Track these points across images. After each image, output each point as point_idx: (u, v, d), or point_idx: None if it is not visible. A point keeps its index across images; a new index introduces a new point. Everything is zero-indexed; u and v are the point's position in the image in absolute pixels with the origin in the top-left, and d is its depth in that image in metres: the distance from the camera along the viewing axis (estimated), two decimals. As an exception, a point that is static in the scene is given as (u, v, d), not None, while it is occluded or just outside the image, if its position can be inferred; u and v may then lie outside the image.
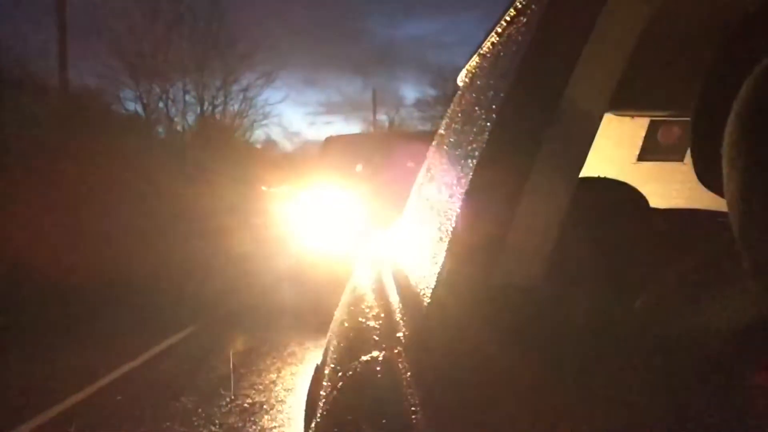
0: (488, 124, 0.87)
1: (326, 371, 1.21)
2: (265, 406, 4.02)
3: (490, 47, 1.26)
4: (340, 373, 0.99)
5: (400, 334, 0.86)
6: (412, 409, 0.64)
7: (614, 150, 1.98)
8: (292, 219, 8.64)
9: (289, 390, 4.34)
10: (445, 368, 0.68)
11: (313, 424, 1.01)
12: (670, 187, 1.90)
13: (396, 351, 0.82)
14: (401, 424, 0.65)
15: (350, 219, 6.63)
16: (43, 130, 12.87)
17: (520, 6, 0.99)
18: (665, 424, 0.46)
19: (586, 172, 0.80)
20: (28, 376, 4.68)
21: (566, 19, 0.75)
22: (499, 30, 1.15)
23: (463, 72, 1.64)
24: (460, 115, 1.38)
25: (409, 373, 0.73)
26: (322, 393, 1.07)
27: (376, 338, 0.98)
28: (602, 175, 1.21)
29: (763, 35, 0.47)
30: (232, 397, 4.17)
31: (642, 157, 2.02)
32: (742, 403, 0.43)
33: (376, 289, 1.34)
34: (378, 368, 0.83)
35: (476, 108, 1.08)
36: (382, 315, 1.06)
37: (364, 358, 0.90)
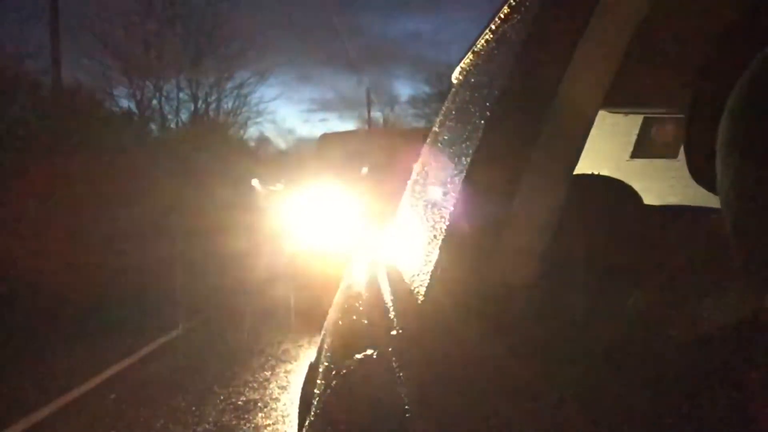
0: (482, 121, 0.86)
1: (320, 369, 1.21)
2: (259, 404, 4.01)
3: (485, 45, 1.25)
4: (334, 371, 0.99)
5: (394, 333, 0.86)
6: (406, 407, 0.64)
7: (608, 147, 1.98)
8: (286, 217, 8.63)
9: (284, 388, 4.33)
10: (438, 366, 0.68)
11: (307, 422, 1.01)
12: (664, 184, 1.90)
13: (390, 349, 0.81)
14: (395, 422, 0.65)
15: (345, 217, 6.63)
16: (35, 128, 12.80)
17: (514, 3, 0.99)
18: (660, 421, 0.46)
19: (580, 169, 0.80)
20: (20, 375, 4.65)
21: (560, 16, 0.75)
22: (494, 27, 1.14)
23: (458, 69, 1.64)
24: (454, 112, 1.37)
25: (402, 372, 0.73)
26: (316, 391, 1.07)
27: (370, 336, 0.98)
28: (596, 173, 1.21)
29: (757, 33, 0.47)
30: (226, 395, 4.16)
31: (636, 154, 2.02)
32: (737, 400, 0.43)
33: (370, 287, 1.34)
34: (372, 366, 0.83)
35: (470, 105, 1.08)
36: (376, 313, 1.06)
37: (358, 356, 0.90)
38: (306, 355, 5.03)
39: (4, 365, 4.90)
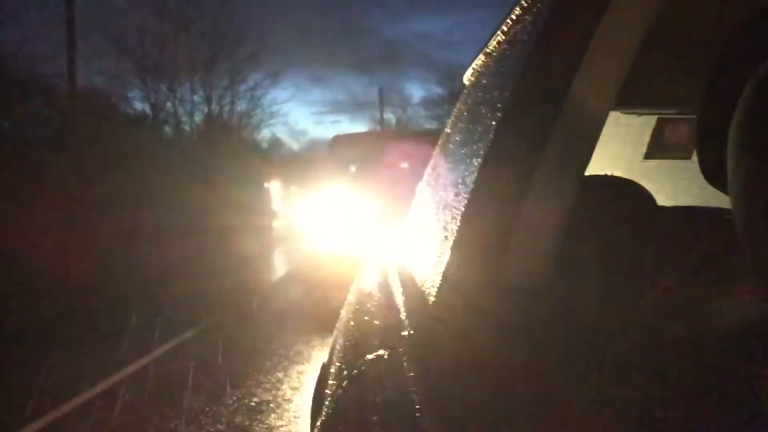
0: (494, 122, 0.86)
1: (332, 370, 1.21)
2: (271, 405, 4.03)
3: (496, 46, 1.25)
4: (345, 372, 0.99)
5: (405, 334, 0.86)
6: (417, 407, 0.64)
7: (622, 148, 1.97)
8: (299, 218, 8.66)
9: (296, 389, 4.35)
10: (449, 368, 0.68)
11: (318, 423, 1.01)
12: (677, 184, 1.89)
13: (401, 350, 0.82)
14: (406, 422, 0.65)
15: (357, 218, 6.64)
16: (51, 131, 12.94)
17: (525, 4, 0.99)
18: (671, 423, 0.46)
19: (593, 170, 0.80)
20: (33, 376, 4.69)
21: (571, 16, 0.75)
22: (505, 29, 1.14)
23: (469, 71, 1.64)
24: (465, 113, 1.37)
25: (413, 372, 0.73)
26: (328, 391, 1.07)
27: (382, 337, 0.98)
28: (609, 173, 1.20)
29: (770, 32, 0.46)
30: (239, 396, 4.18)
31: (649, 154, 2.01)
32: (750, 400, 0.42)
33: (381, 288, 1.34)
34: (383, 367, 0.84)
35: (482, 107, 1.08)
36: (388, 314, 1.06)
37: (369, 356, 0.90)
38: (318, 355, 5.04)
39: (16, 365, 4.95)
